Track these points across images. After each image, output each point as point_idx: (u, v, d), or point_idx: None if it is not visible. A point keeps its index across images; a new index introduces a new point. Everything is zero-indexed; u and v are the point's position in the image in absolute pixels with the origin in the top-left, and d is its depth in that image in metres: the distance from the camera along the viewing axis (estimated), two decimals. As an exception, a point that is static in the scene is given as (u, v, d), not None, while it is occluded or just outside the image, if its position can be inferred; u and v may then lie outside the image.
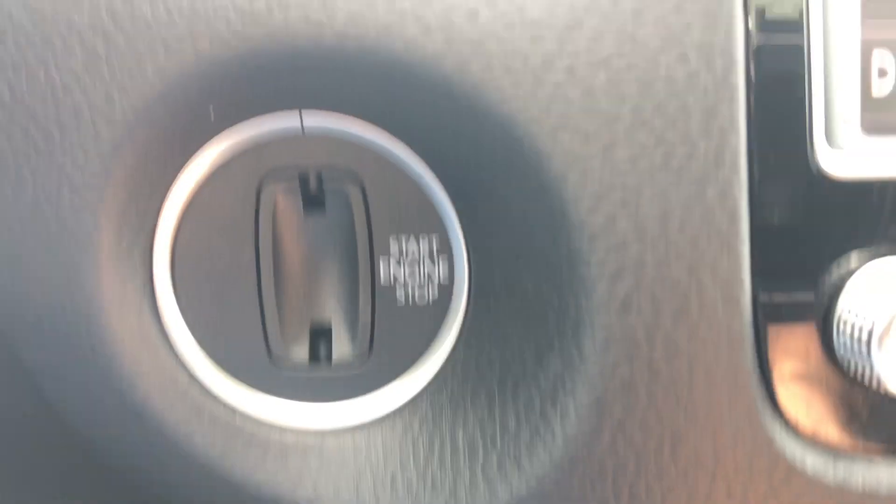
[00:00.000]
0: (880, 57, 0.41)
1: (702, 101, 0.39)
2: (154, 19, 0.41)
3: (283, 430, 0.48)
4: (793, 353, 0.43)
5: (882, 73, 0.41)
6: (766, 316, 0.42)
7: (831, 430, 0.44)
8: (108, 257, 0.44)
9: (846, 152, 0.41)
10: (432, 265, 0.47)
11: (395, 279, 0.48)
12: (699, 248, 0.40)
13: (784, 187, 0.41)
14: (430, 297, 0.48)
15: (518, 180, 0.42)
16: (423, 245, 0.47)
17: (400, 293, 0.48)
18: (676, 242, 0.40)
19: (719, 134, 0.39)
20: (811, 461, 0.44)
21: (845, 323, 0.41)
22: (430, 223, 0.47)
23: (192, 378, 0.48)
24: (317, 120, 0.45)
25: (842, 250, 0.42)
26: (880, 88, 0.41)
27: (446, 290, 0.48)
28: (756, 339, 0.42)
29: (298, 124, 0.45)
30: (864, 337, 0.39)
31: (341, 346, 0.49)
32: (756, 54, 0.40)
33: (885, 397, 0.43)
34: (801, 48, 0.40)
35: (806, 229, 0.42)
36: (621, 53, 0.39)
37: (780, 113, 0.40)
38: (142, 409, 0.46)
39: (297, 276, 0.48)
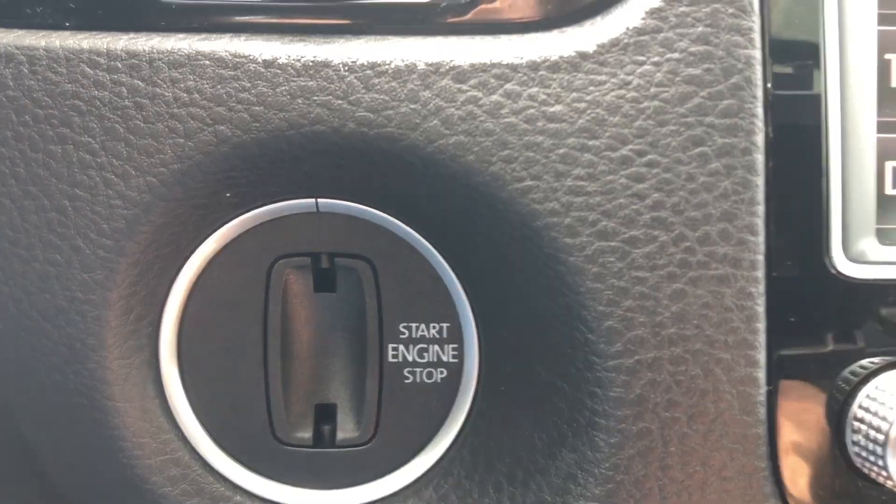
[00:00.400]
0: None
1: (721, 204, 0.40)
2: (175, 100, 0.41)
3: None
4: (806, 454, 0.43)
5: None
6: (781, 416, 0.42)
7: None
8: (115, 334, 0.44)
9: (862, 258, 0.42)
10: (442, 351, 0.47)
11: (405, 363, 0.48)
12: (716, 348, 0.40)
13: (801, 290, 0.41)
14: (439, 381, 0.48)
15: (535, 273, 0.42)
16: (434, 330, 0.47)
17: (408, 376, 0.48)
18: (693, 343, 0.40)
19: (738, 237, 0.40)
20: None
21: (861, 423, 0.41)
22: (443, 309, 0.47)
23: (194, 455, 0.47)
24: (332, 203, 0.45)
25: (858, 353, 0.42)
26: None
27: (456, 375, 0.48)
28: (770, 439, 0.42)
29: (314, 204, 0.45)
30: (880, 438, 0.39)
31: (346, 428, 0.48)
32: (775, 161, 0.41)
33: (898, 501, 0.43)
34: (820, 156, 0.41)
35: (822, 331, 0.42)
36: (642, 153, 0.40)
37: (799, 218, 0.41)
38: (142, 484, 0.46)
39: (305, 356, 0.48)
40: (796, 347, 0.42)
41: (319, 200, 0.45)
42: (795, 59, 0.41)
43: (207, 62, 0.41)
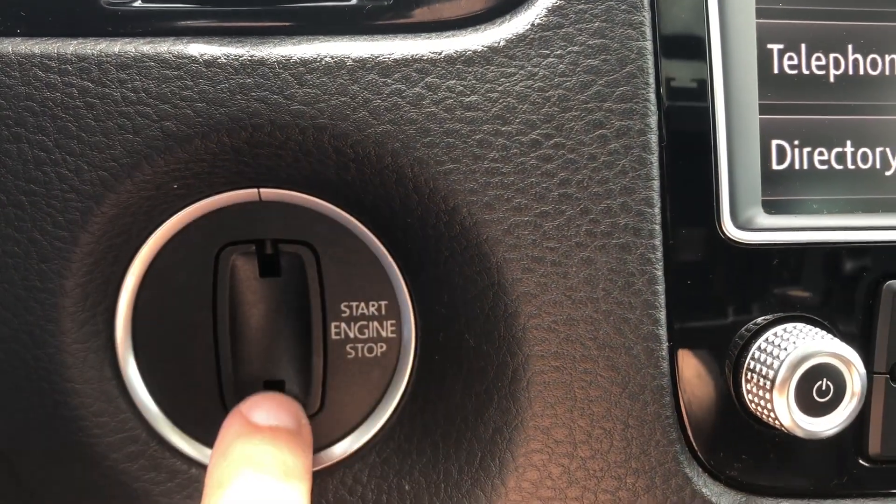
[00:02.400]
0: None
1: (621, 180, 0.44)
2: (123, 100, 0.45)
3: None
4: (707, 401, 0.47)
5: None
6: (683, 369, 0.46)
7: (743, 471, 0.48)
8: (72, 319, 0.47)
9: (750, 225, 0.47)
10: (381, 327, 0.51)
11: (347, 339, 0.51)
12: (622, 308, 0.45)
13: (696, 255, 0.46)
14: (380, 355, 0.51)
15: (460, 248, 0.46)
16: (373, 308, 0.51)
17: (351, 351, 0.51)
18: (602, 304, 0.45)
19: (637, 209, 0.44)
20: (726, 502, 0.48)
21: (752, 372, 0.46)
22: (380, 288, 0.50)
23: (151, 433, 0.50)
24: (274, 193, 0.48)
25: (748, 311, 0.47)
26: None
27: (395, 348, 0.51)
28: (673, 389, 0.46)
29: (256, 193, 0.49)
30: (768, 384, 0.44)
31: None
32: (669, 139, 0.45)
33: (789, 441, 0.48)
34: (709, 136, 0.46)
35: (717, 291, 0.47)
36: (549, 136, 0.44)
37: (691, 191, 0.46)
38: (102, 461, 0.48)
39: (253, 336, 0.51)
40: (694, 306, 0.46)
41: (262, 190, 0.49)
42: (683, 49, 0.46)
43: (152, 63, 0.45)
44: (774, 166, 0.47)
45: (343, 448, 0.51)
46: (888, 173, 0.49)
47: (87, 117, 0.44)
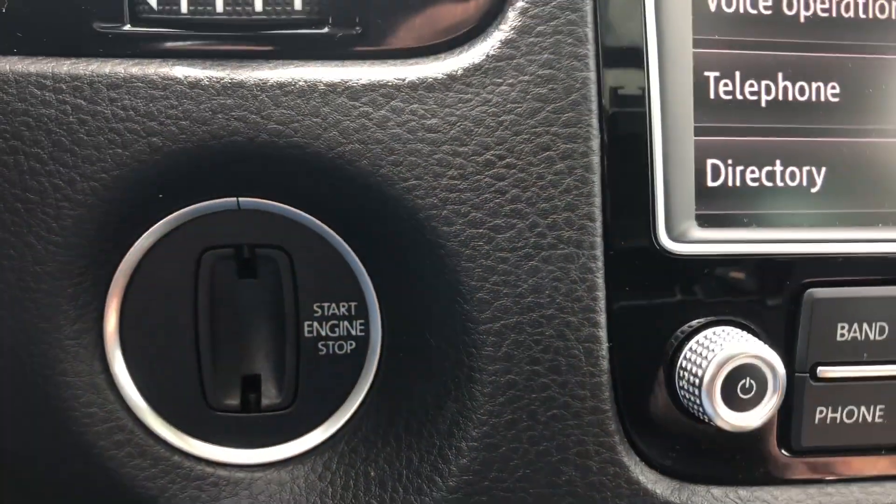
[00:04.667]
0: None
1: (565, 197, 0.49)
2: (113, 116, 0.48)
3: (216, 465, 0.54)
4: (643, 397, 0.52)
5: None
6: (622, 368, 0.51)
7: (677, 461, 0.53)
8: (65, 318, 0.50)
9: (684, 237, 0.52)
10: (351, 326, 0.55)
11: (319, 337, 0.55)
12: (565, 313, 0.49)
13: (633, 264, 0.50)
14: (349, 352, 0.55)
15: (422, 257, 0.50)
16: (344, 308, 0.55)
17: (322, 348, 0.55)
18: (547, 309, 0.49)
19: (580, 223, 0.49)
20: (661, 488, 0.53)
21: (684, 371, 0.51)
22: (350, 290, 0.54)
23: (137, 423, 0.53)
24: (251, 201, 0.52)
25: (681, 316, 0.51)
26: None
27: (363, 346, 0.55)
28: (614, 387, 0.51)
29: (235, 202, 0.53)
30: (698, 382, 0.49)
31: (270, 395, 0.55)
32: (609, 161, 0.50)
33: (719, 435, 0.53)
34: (646, 157, 0.50)
35: (653, 297, 0.51)
36: (501, 157, 0.49)
37: (630, 207, 0.50)
38: (90, 449, 0.51)
39: (231, 334, 0.54)
40: (632, 311, 0.51)
41: (240, 199, 0.52)
42: (625, 78, 0.50)
43: (140, 84, 0.48)
44: (709, 183, 0.52)
45: (314, 438, 0.55)
46: (814, 190, 0.53)
47: (79, 132, 0.48)
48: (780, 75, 0.52)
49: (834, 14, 0.52)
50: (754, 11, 0.51)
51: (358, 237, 0.52)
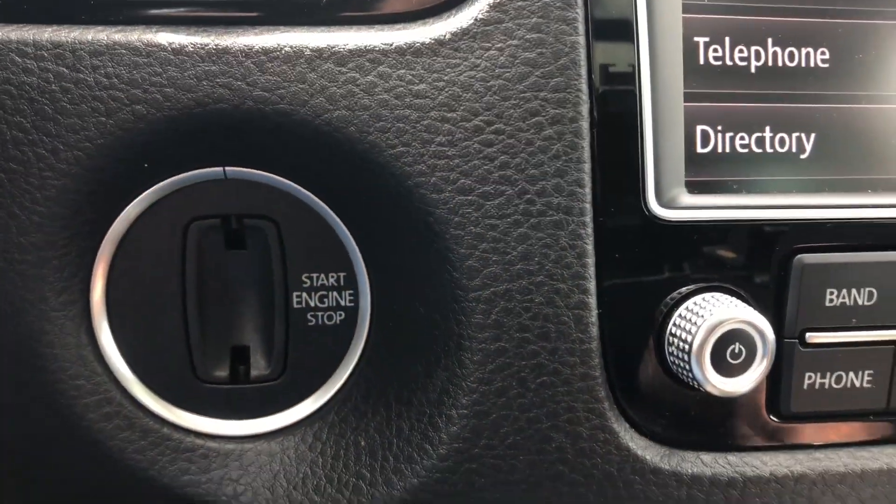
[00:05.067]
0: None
1: (555, 163, 0.49)
2: (97, 84, 0.48)
3: (206, 437, 0.54)
4: (633, 364, 0.52)
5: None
6: (611, 335, 0.51)
7: (666, 427, 0.53)
8: (51, 289, 0.50)
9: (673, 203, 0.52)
10: (340, 297, 0.55)
11: (308, 308, 0.55)
12: (555, 280, 0.49)
13: (623, 231, 0.50)
14: (338, 323, 0.55)
15: (411, 225, 0.50)
16: (332, 279, 0.55)
17: (311, 319, 0.55)
18: (536, 276, 0.49)
19: (569, 190, 0.49)
20: (651, 454, 0.53)
21: (673, 337, 0.51)
22: (339, 260, 0.54)
23: (125, 395, 0.53)
24: (238, 171, 0.52)
25: (671, 282, 0.51)
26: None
27: (352, 316, 0.55)
28: (603, 354, 0.51)
29: (222, 172, 0.52)
30: (687, 348, 0.49)
31: (258, 366, 0.55)
32: (598, 127, 0.50)
33: (708, 399, 0.53)
34: (636, 122, 0.50)
35: (642, 264, 0.51)
36: (490, 123, 0.48)
37: (619, 173, 0.50)
38: (79, 422, 0.51)
39: (220, 305, 0.54)
40: (621, 277, 0.51)
41: (227, 168, 0.52)
42: (614, 43, 0.50)
43: (124, 51, 0.48)
44: (699, 149, 0.52)
45: (304, 408, 0.55)
46: (803, 156, 0.53)
47: (62, 101, 0.47)
48: (769, 41, 0.52)
49: (824, -22, 0.52)
50: (744, -24, 0.51)
51: (346, 206, 0.52)
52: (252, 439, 0.55)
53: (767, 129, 0.52)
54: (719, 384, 0.49)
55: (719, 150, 0.52)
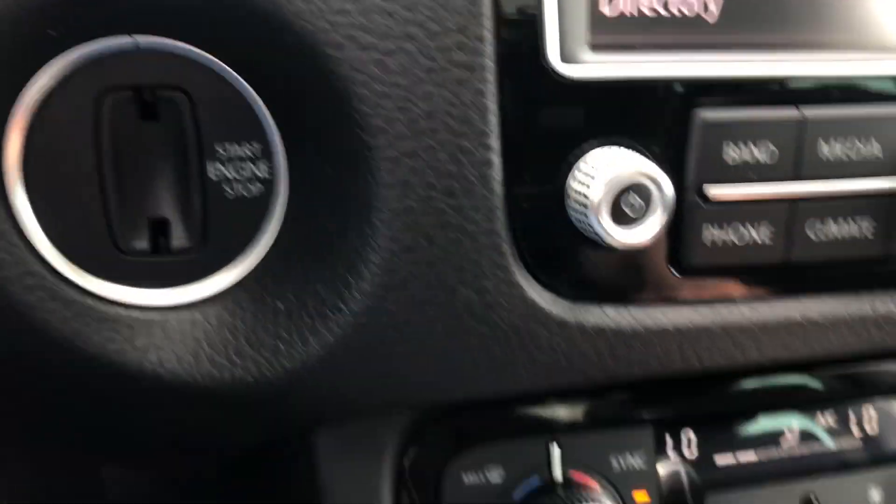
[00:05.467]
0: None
1: (456, 19, 0.49)
2: (-9, -53, 0.47)
3: (130, 307, 0.56)
4: (537, 221, 0.54)
5: None
6: (516, 192, 0.53)
7: (572, 283, 0.55)
8: (-38, 165, 0.50)
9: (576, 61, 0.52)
10: (256, 168, 0.55)
11: (225, 179, 0.55)
12: (458, 140, 0.50)
13: (526, 88, 0.51)
14: (257, 195, 0.56)
15: (319, 88, 0.50)
16: (248, 150, 0.55)
17: (229, 191, 0.56)
18: (442, 135, 0.50)
19: (471, 46, 0.49)
20: (556, 309, 0.55)
21: (576, 193, 0.52)
22: (253, 130, 0.54)
23: (47, 267, 0.54)
24: (151, 40, 0.52)
25: (573, 139, 0.53)
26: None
27: (269, 188, 0.56)
28: (508, 211, 0.52)
29: (134, 41, 0.52)
30: (587, 202, 0.51)
31: (178, 238, 0.56)
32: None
33: (612, 256, 0.55)
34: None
35: (545, 121, 0.52)
36: (391, -21, 0.48)
37: (522, 30, 0.51)
38: (1, 294, 0.52)
39: (136, 178, 0.54)
40: (525, 135, 0.52)
41: (139, 38, 0.52)
42: None
43: None
44: (603, 9, 0.52)
45: (225, 278, 0.56)
46: (710, 20, 0.54)
47: None
48: None
49: None
50: None
51: (258, 74, 0.52)
52: (175, 309, 0.56)
53: (673, -10, 0.53)
54: (618, 236, 0.51)
55: (625, 12, 0.53)
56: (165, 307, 0.56)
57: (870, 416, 0.72)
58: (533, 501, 0.63)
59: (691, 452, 0.68)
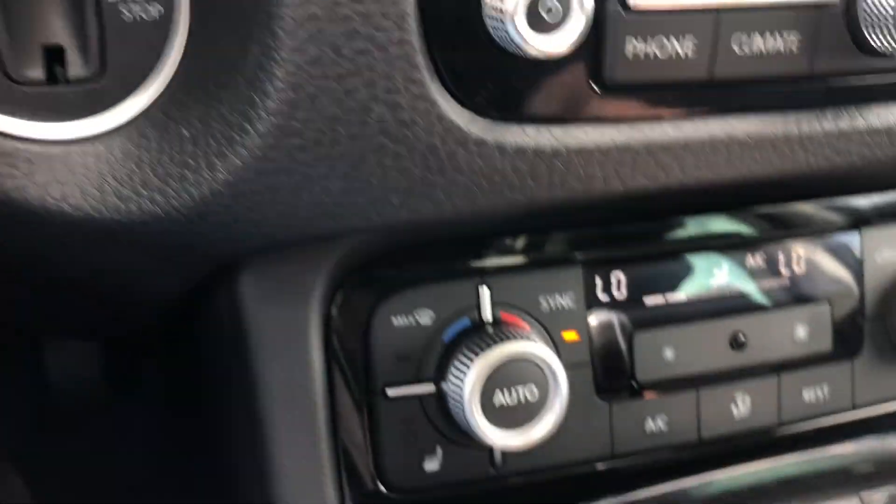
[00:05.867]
0: None
1: None
2: None
3: (28, 141, 0.53)
4: (453, 32, 0.51)
5: None
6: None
7: (490, 99, 0.53)
8: None
9: None
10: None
11: (121, 1, 0.52)
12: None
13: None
14: (158, 18, 0.53)
15: None
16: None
17: (127, 13, 0.52)
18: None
19: None
20: (475, 127, 0.53)
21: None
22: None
23: None
24: None
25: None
26: None
27: (171, 10, 0.52)
28: (422, 20, 0.50)
29: None
30: (502, 7, 0.48)
31: (75, 66, 0.53)
32: None
33: (531, 69, 0.53)
34: None
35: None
36: None
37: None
38: None
39: (23, 2, 0.51)
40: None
41: None
42: None
43: None
44: None
45: (128, 107, 0.54)
46: None
47: None
48: None
49: None
50: None
51: None
52: (78, 142, 0.53)
53: None
54: (535, 43, 0.48)
55: None
56: (67, 140, 0.53)
57: (798, 256, 0.73)
58: (462, 341, 0.62)
59: (621, 293, 0.68)
